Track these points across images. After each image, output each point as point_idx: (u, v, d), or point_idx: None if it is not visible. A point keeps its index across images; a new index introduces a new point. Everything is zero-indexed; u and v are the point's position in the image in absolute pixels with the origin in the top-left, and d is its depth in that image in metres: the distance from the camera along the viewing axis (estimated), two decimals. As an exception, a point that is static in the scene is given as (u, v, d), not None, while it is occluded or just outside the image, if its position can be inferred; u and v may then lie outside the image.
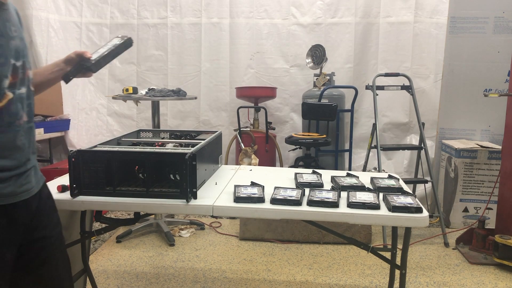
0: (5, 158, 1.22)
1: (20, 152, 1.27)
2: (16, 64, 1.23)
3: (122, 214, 3.55)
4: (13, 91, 1.22)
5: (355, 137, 3.97)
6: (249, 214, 1.65)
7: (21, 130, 1.26)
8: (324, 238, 3.05)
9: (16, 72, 1.23)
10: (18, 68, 1.24)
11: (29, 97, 1.30)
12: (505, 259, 2.65)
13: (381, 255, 1.88)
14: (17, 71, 1.24)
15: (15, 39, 1.24)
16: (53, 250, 1.39)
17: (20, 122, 1.25)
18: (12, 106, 1.22)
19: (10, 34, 1.22)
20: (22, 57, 1.27)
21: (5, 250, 1.23)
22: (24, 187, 1.28)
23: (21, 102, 1.26)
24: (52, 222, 1.41)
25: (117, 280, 2.53)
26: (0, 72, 1.17)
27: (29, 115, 1.30)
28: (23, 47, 1.29)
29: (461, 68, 3.54)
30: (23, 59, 1.27)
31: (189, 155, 1.59)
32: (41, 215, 1.36)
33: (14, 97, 1.23)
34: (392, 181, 1.92)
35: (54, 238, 1.40)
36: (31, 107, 1.33)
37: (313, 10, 3.98)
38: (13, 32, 1.24)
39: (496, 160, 3.25)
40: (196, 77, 4.13)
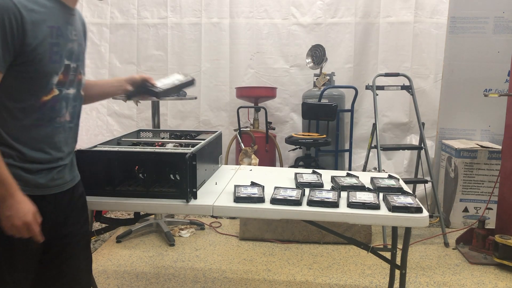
0: (39, 150, 1.27)
1: (56, 148, 1.31)
2: (69, 65, 1.30)
3: (122, 214, 3.55)
4: (60, 89, 1.28)
5: (355, 137, 3.97)
6: (249, 214, 1.66)
7: (61, 127, 1.31)
8: (324, 238, 3.05)
9: (67, 72, 1.29)
10: (70, 69, 1.30)
11: (75, 100, 1.36)
12: (505, 259, 2.65)
13: (381, 255, 1.88)
14: (68, 71, 1.30)
15: (73, 43, 1.31)
16: (78, 249, 1.42)
17: (61, 120, 1.30)
18: (57, 103, 1.28)
19: (69, 37, 1.29)
20: (76, 61, 1.34)
21: (31, 240, 1.25)
22: (56, 182, 1.32)
23: (66, 101, 1.31)
24: (81, 221, 1.45)
25: (117, 280, 2.53)
26: (52, 69, 1.24)
27: (72, 116, 1.35)
28: (80, 52, 1.36)
29: (461, 68, 3.54)
30: (77, 63, 1.34)
31: (189, 155, 1.60)
32: (71, 213, 1.39)
33: (60, 95, 1.28)
34: (392, 181, 1.92)
35: (80, 237, 1.43)
36: (76, 109, 1.38)
37: (313, 10, 3.98)
38: (73, 35, 1.32)
39: (496, 160, 3.25)
40: (196, 77, 4.10)
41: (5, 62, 1.16)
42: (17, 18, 1.14)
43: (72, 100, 1.34)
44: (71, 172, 1.39)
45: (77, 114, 1.39)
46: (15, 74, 1.19)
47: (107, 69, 4.16)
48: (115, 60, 4.17)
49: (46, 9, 1.22)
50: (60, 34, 1.25)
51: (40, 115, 1.25)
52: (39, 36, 1.18)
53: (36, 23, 1.18)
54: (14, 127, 1.22)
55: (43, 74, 1.22)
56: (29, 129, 1.24)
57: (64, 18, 1.28)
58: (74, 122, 1.38)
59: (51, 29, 1.22)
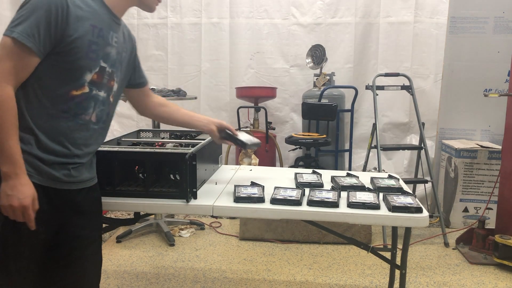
0: (57, 143, 1.28)
1: (74, 144, 1.32)
2: (105, 68, 1.35)
3: (122, 214, 3.55)
4: (91, 88, 1.31)
5: (355, 137, 3.97)
6: (249, 214, 1.66)
7: (84, 126, 1.33)
8: (324, 238, 3.05)
9: (102, 73, 1.34)
10: (105, 72, 1.35)
11: (104, 103, 1.39)
12: (505, 259, 2.65)
13: (381, 255, 1.88)
14: (103, 73, 1.34)
15: (112, 48, 1.37)
16: (87, 252, 1.43)
17: (85, 118, 1.33)
18: (85, 100, 1.31)
19: (109, 41, 1.35)
20: (112, 66, 1.38)
21: (42, 229, 1.27)
22: (71, 179, 1.33)
23: (95, 102, 1.34)
24: (93, 225, 1.45)
25: (117, 280, 2.53)
26: (87, 65, 1.28)
27: (98, 118, 1.38)
28: (118, 61, 1.41)
29: (461, 68, 3.54)
30: (113, 68, 1.39)
31: (189, 155, 1.59)
32: (84, 214, 1.40)
33: (90, 94, 1.32)
34: (392, 181, 1.92)
35: (91, 240, 1.44)
36: (104, 113, 1.40)
37: (313, 10, 3.98)
38: (113, 42, 1.37)
39: (496, 160, 3.25)
40: (196, 77, 4.13)
41: (45, 48, 1.21)
42: (64, 9, 1.21)
43: (101, 102, 1.37)
44: (88, 172, 1.41)
45: (104, 118, 1.41)
46: (52, 63, 1.23)
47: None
48: (115, 60, 4.15)
49: (91, 9, 1.29)
50: (100, 35, 1.31)
51: (66, 107, 1.28)
52: (80, 30, 1.24)
53: (79, 18, 1.24)
54: (39, 113, 1.25)
55: (77, 68, 1.27)
56: (52, 118, 1.27)
57: (108, 23, 1.35)
58: (99, 124, 1.39)
59: (92, 28, 1.28)
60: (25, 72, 1.21)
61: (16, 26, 1.18)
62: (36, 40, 1.18)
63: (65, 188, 1.32)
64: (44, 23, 1.18)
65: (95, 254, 1.48)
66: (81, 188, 1.38)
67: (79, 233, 1.39)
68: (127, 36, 1.51)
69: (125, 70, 1.51)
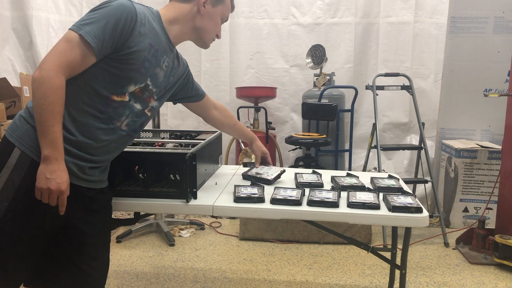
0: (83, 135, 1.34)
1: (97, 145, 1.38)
2: (148, 85, 1.44)
3: (122, 214, 3.55)
4: (130, 98, 1.40)
5: (355, 137, 3.97)
6: (249, 214, 1.66)
7: (113, 130, 1.40)
8: (324, 238, 3.05)
9: (144, 90, 1.43)
10: (147, 89, 1.44)
11: (138, 116, 1.47)
12: (505, 259, 2.65)
13: (381, 255, 1.88)
14: (145, 90, 1.43)
15: (161, 70, 1.47)
16: (96, 250, 1.46)
17: (117, 124, 1.41)
18: (121, 107, 1.39)
19: (160, 63, 1.45)
20: (156, 87, 1.47)
21: (46, 220, 1.30)
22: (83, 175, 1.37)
23: (130, 111, 1.42)
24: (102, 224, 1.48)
25: (117, 280, 2.53)
26: (136, 78, 1.38)
27: (129, 127, 1.46)
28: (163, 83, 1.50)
29: (461, 68, 3.54)
30: (156, 89, 1.48)
31: (189, 155, 1.59)
32: (93, 213, 1.43)
33: (128, 103, 1.40)
34: (392, 181, 1.92)
35: (100, 240, 1.47)
36: (136, 124, 1.48)
37: (313, 10, 3.98)
38: (163, 65, 1.47)
39: (496, 160, 3.25)
40: (196, 77, 4.08)
41: (104, 52, 1.30)
42: (132, 22, 1.32)
43: (135, 114, 1.45)
44: (101, 175, 1.46)
45: (135, 127, 1.49)
46: (105, 66, 1.32)
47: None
48: (115, 60, 4.16)
49: (153, 30, 1.40)
50: (155, 55, 1.41)
51: (104, 109, 1.36)
52: (139, 45, 1.35)
53: (142, 34, 1.35)
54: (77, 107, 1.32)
55: (126, 77, 1.36)
56: (87, 115, 1.34)
57: (164, 46, 1.45)
58: (127, 133, 1.46)
59: (150, 46, 1.38)
60: (80, 68, 1.29)
61: (85, 25, 1.27)
62: (100, 43, 1.27)
63: (76, 183, 1.35)
64: (111, 29, 1.27)
65: (103, 254, 1.50)
66: (92, 188, 1.42)
67: (89, 229, 1.41)
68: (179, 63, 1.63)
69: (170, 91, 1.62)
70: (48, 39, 3.93)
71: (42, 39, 3.87)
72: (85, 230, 1.40)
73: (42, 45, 3.88)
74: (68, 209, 1.31)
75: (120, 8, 1.29)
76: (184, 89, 1.75)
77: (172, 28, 1.47)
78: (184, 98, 1.81)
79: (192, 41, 1.57)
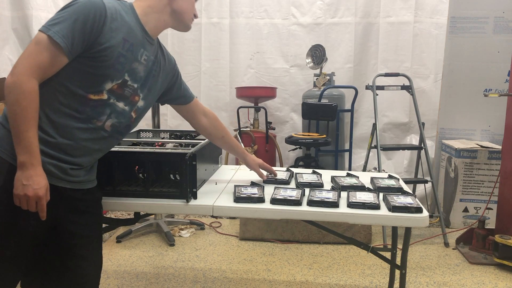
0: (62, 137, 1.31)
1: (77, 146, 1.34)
2: (127, 81, 1.38)
3: (122, 214, 3.55)
4: (109, 96, 1.35)
5: (355, 137, 3.97)
6: (249, 214, 1.66)
7: (94, 130, 1.36)
8: (324, 238, 3.05)
9: (123, 86, 1.38)
10: (127, 85, 1.39)
11: (124, 116, 1.42)
12: (505, 259, 2.65)
13: (381, 255, 1.88)
14: (124, 86, 1.38)
15: (140, 64, 1.41)
16: (88, 251, 1.44)
17: (98, 124, 1.36)
18: (100, 106, 1.35)
19: (138, 57, 1.40)
20: (137, 82, 1.42)
21: (31, 223, 1.28)
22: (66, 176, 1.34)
23: (111, 110, 1.37)
24: (92, 224, 1.46)
25: (117, 280, 2.53)
26: (111, 74, 1.33)
27: (113, 129, 1.41)
28: (144, 78, 1.45)
29: (461, 68, 3.54)
30: (137, 84, 1.42)
31: (189, 155, 1.59)
32: (81, 213, 1.41)
33: (107, 102, 1.35)
34: (392, 181, 1.92)
35: (90, 240, 1.45)
36: (121, 125, 1.43)
37: (313, 10, 3.98)
38: (142, 59, 1.42)
39: (496, 160, 3.25)
40: (196, 77, 4.13)
41: (75, 51, 1.26)
42: (102, 18, 1.27)
43: (119, 113, 1.40)
44: (87, 175, 1.42)
45: (119, 130, 1.44)
46: (78, 65, 1.28)
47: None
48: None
49: (126, 24, 1.35)
50: (130, 50, 1.36)
51: (81, 109, 1.32)
52: (111, 41, 1.30)
53: (114, 29, 1.31)
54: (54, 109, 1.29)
55: (101, 75, 1.31)
56: (65, 116, 1.31)
57: (140, 40, 1.40)
58: (112, 135, 1.42)
59: (124, 41, 1.34)
60: (52, 69, 1.26)
61: (54, 25, 1.23)
62: (69, 42, 1.23)
63: (60, 185, 1.33)
64: (80, 28, 1.24)
65: (95, 254, 1.49)
66: (78, 189, 1.39)
67: (77, 230, 1.39)
68: (164, 58, 1.57)
69: (158, 89, 1.56)
70: (48, 39, 3.93)
71: (42, 39, 3.87)
72: (74, 231, 1.39)
73: (42, 45, 3.87)
74: (54, 212, 1.30)
75: (88, 5, 1.25)
76: (172, 89, 1.68)
77: (148, 18, 1.42)
78: (170, 99, 1.72)
79: (173, 27, 1.52)
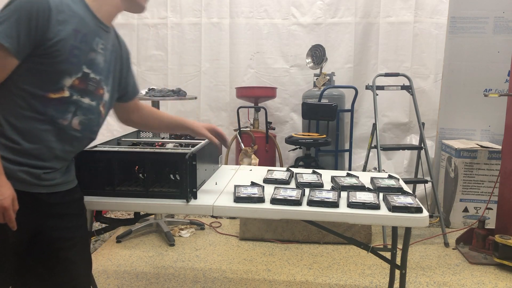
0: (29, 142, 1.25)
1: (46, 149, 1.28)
2: (88, 74, 1.31)
3: (122, 214, 3.55)
4: (72, 93, 1.28)
5: (355, 137, 3.97)
6: (249, 214, 1.66)
7: (62, 131, 1.29)
8: (324, 238, 3.05)
9: (85, 80, 1.30)
10: (89, 78, 1.31)
11: (92, 112, 1.35)
12: (505, 259, 2.65)
13: (381, 255, 1.88)
14: (86, 80, 1.31)
15: (98, 55, 1.34)
16: (73, 252, 1.40)
17: (63, 123, 1.29)
18: (63, 105, 1.27)
19: (94, 47, 1.32)
20: (99, 74, 1.35)
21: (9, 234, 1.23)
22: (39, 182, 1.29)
23: (76, 107, 1.30)
24: (75, 225, 1.42)
25: (117, 280, 2.53)
26: (68, 69, 1.25)
27: (83, 127, 1.34)
28: (106, 68, 1.38)
29: (461, 68, 3.54)
30: (100, 76, 1.35)
31: (189, 155, 1.59)
32: (64, 217, 1.37)
33: (70, 99, 1.28)
34: (392, 181, 1.92)
35: (76, 240, 1.41)
36: (92, 122, 1.36)
37: (313, 10, 3.98)
38: (99, 48, 1.34)
39: (496, 160, 3.25)
40: (196, 77, 4.13)
41: (24, 50, 1.19)
42: (45, 13, 1.19)
43: (86, 110, 1.33)
44: (63, 177, 1.36)
45: (90, 127, 1.37)
46: (31, 65, 1.22)
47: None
48: (115, 60, 4.16)
49: (75, 14, 1.27)
50: (84, 41, 1.28)
51: (43, 110, 1.25)
52: (61, 34, 1.22)
53: (61, 22, 1.22)
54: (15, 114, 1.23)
55: (56, 71, 1.24)
56: (28, 120, 1.24)
57: (94, 29, 1.32)
58: (83, 133, 1.35)
59: (75, 33, 1.26)
60: (3, 73, 1.20)
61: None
62: (15, 42, 1.17)
63: (35, 191, 1.28)
64: (24, 25, 1.17)
65: (82, 255, 1.45)
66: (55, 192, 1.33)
67: (60, 235, 1.35)
68: (120, 45, 1.49)
69: (117, 79, 1.48)
70: (48, 39, 3.93)
71: (42, 39, 3.87)
72: (57, 236, 1.34)
73: (42, 45, 3.88)
74: (33, 219, 1.27)
75: (29, 0, 1.17)
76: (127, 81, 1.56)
77: (98, 4, 1.34)
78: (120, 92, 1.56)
79: (126, 9, 1.43)
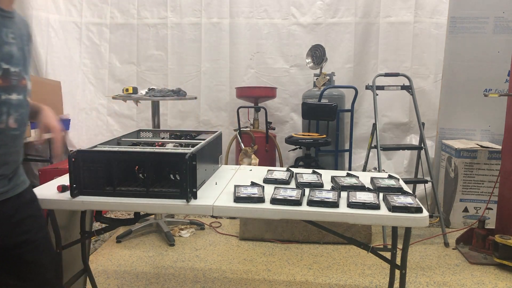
0: None
1: None
2: (9, 69, 1.21)
3: (122, 214, 3.55)
4: None
5: (355, 137, 3.97)
6: (249, 214, 1.65)
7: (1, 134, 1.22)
8: (324, 238, 3.05)
9: (7, 76, 1.21)
10: (11, 74, 1.22)
11: (22, 106, 1.27)
12: (505, 259, 2.65)
13: (381, 255, 1.88)
14: (9, 76, 1.22)
15: (11, 46, 1.23)
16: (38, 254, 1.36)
17: (0, 126, 1.21)
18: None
19: (5, 40, 1.22)
20: (18, 65, 1.25)
21: None
22: None
23: (7, 107, 1.22)
24: (35, 226, 1.37)
25: (117, 280, 2.53)
26: None
27: (19, 123, 1.27)
28: (22, 57, 1.28)
29: (461, 68, 3.54)
30: (19, 67, 1.26)
31: (189, 155, 1.59)
32: (22, 220, 1.32)
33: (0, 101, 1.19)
34: (392, 181, 1.92)
35: (38, 242, 1.36)
36: (24, 116, 1.29)
37: (313, 10, 3.98)
38: (10, 38, 1.23)
39: (496, 160, 3.25)
40: (196, 77, 4.13)
41: None
42: None
43: (17, 106, 1.25)
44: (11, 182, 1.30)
45: (24, 121, 1.30)
46: None
47: (107, 69, 4.16)
48: (115, 60, 4.17)
49: None
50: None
51: None
52: None
53: None
54: None
55: None
56: None
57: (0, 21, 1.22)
58: (20, 129, 1.28)
59: None
60: None
61: None
62: None
63: None
64: None
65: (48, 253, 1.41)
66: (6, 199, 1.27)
67: (23, 239, 1.32)
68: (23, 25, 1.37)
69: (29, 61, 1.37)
70: (48, 39, 3.93)
71: (42, 39, 3.88)
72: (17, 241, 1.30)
73: (42, 45, 3.88)
74: None
75: None
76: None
77: None
78: None
79: None
